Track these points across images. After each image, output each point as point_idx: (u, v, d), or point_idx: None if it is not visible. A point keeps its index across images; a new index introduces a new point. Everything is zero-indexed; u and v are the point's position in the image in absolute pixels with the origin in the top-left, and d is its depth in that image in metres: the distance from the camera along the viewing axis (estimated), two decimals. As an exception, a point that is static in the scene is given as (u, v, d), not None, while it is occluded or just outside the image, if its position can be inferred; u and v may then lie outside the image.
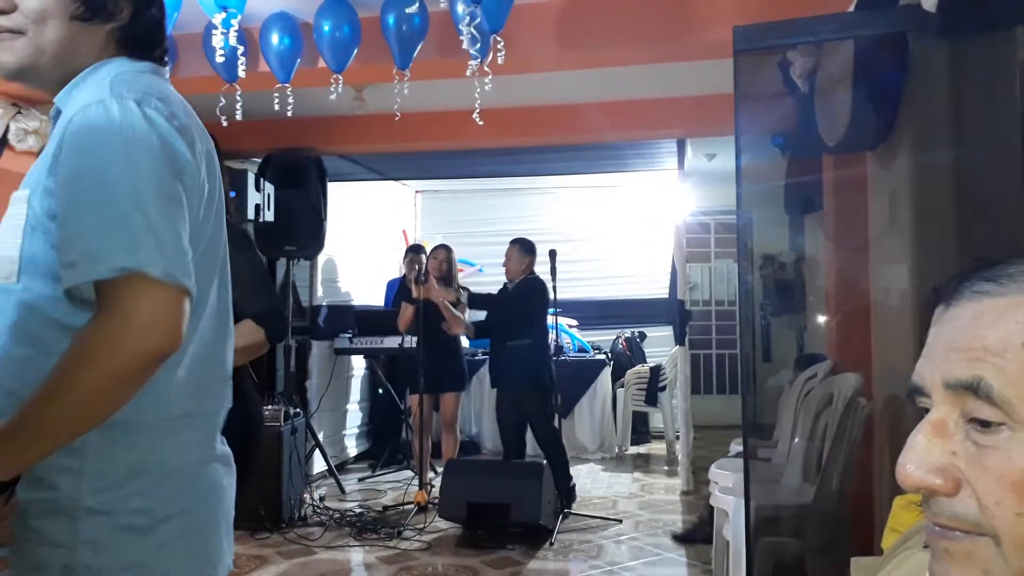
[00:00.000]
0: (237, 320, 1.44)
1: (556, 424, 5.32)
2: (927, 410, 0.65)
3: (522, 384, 5.20)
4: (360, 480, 6.35)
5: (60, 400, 1.06)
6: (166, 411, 1.20)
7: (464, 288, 5.75)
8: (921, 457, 0.62)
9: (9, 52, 1.22)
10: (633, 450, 7.52)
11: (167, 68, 1.35)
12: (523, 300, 5.24)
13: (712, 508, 3.81)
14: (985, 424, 0.60)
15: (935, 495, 0.62)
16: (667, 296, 7.49)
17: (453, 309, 5.32)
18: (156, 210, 1.11)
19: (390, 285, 7.26)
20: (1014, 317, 0.61)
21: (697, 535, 4.62)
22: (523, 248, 5.32)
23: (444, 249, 5.69)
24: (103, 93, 1.16)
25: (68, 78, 1.26)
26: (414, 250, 6.44)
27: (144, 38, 1.30)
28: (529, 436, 5.39)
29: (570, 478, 5.24)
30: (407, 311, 5.49)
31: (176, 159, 1.16)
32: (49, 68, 1.25)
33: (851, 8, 2.82)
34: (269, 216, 5.21)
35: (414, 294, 5.37)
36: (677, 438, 6.54)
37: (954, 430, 0.62)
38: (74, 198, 1.10)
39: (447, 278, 5.55)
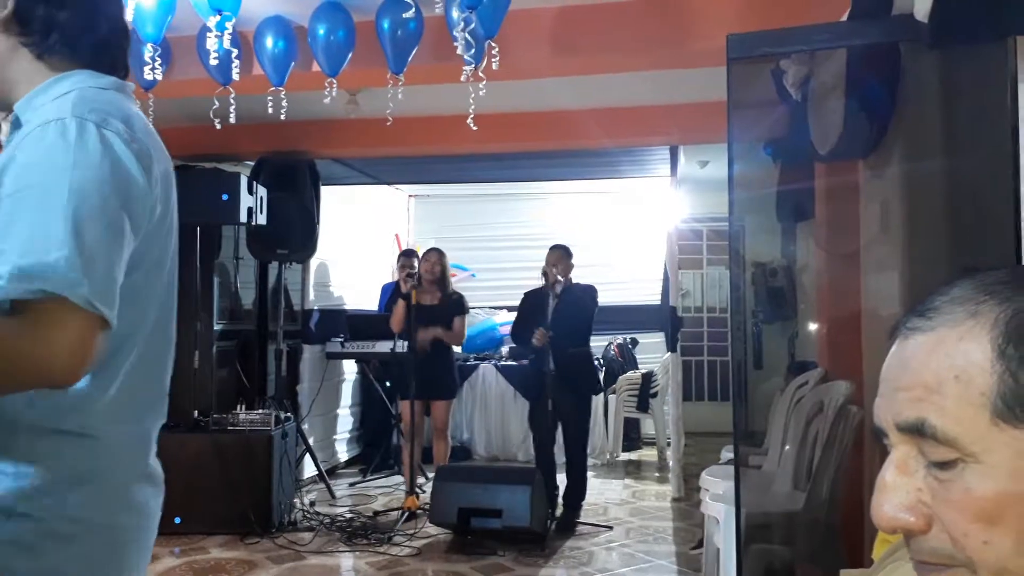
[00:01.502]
0: None
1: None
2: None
3: (588, 388, 5.44)
4: (351, 485, 6.33)
5: None
6: (103, 423, 1.20)
7: (458, 293, 5.73)
8: (892, 496, 0.64)
9: None
10: (624, 456, 7.52)
11: (130, 83, 1.34)
12: (591, 307, 5.34)
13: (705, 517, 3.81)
14: (940, 465, 0.61)
15: (912, 534, 0.63)
16: (659, 303, 7.51)
17: (444, 335, 5.44)
18: (93, 236, 1.10)
19: (384, 289, 7.25)
20: (943, 351, 0.62)
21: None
22: (566, 252, 5.33)
23: (436, 252, 5.66)
24: (64, 112, 1.15)
25: (2, 88, 1.27)
26: (406, 255, 6.44)
27: (44, 30, 1.25)
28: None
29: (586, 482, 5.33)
30: (399, 309, 5.46)
31: (127, 185, 1.16)
32: None
33: (844, 17, 2.84)
34: (262, 219, 5.20)
35: (403, 289, 5.35)
36: (668, 445, 6.54)
37: (915, 467, 0.63)
38: (15, 213, 1.10)
39: (440, 282, 5.52)
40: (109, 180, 1.14)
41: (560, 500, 5.25)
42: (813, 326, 4.85)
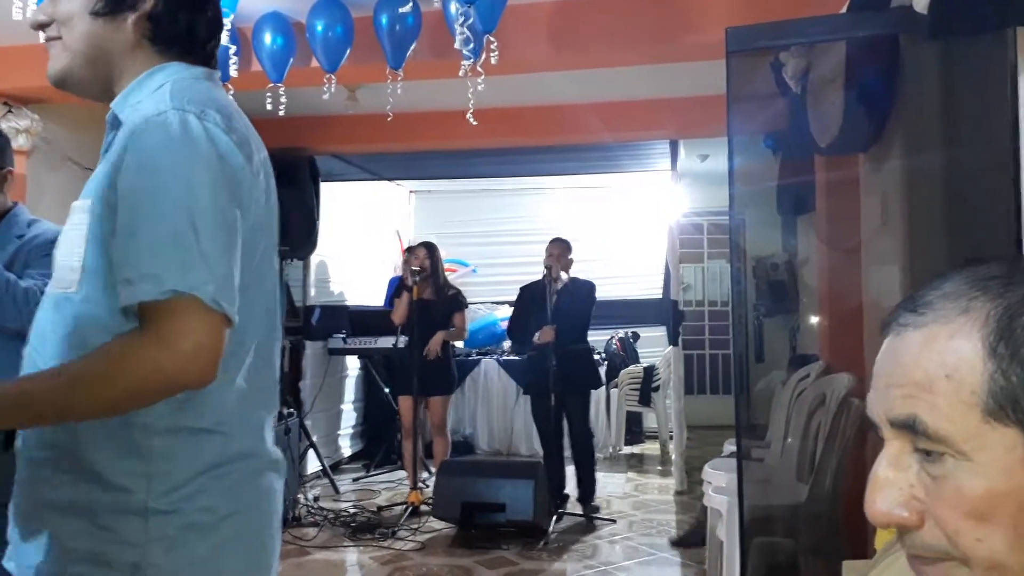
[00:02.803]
0: None
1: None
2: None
3: (591, 383, 5.47)
4: (354, 480, 6.34)
5: (85, 396, 1.10)
6: (226, 417, 1.23)
7: (455, 288, 5.73)
8: (885, 492, 0.64)
9: (52, 60, 1.27)
10: (627, 450, 7.53)
11: (219, 72, 1.35)
12: (591, 303, 5.34)
13: (707, 509, 3.82)
14: (929, 453, 0.62)
15: (905, 529, 0.63)
16: (660, 296, 7.50)
17: (447, 335, 5.46)
18: (209, 234, 1.11)
19: (391, 283, 7.25)
20: (935, 348, 0.62)
21: (695, 538, 4.62)
22: (567, 246, 5.32)
23: (423, 247, 5.62)
24: (163, 104, 1.16)
25: (106, 80, 1.28)
26: (411, 250, 6.47)
27: (176, 27, 1.28)
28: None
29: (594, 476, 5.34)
30: (402, 302, 5.47)
31: (234, 177, 1.17)
32: (84, 68, 1.27)
33: (843, 10, 2.83)
34: (262, 216, 5.19)
35: (407, 282, 5.36)
36: (671, 438, 6.55)
37: (908, 462, 0.64)
38: (132, 215, 1.11)
39: (433, 276, 5.50)
40: (217, 175, 1.14)
41: (567, 494, 5.28)
42: (814, 319, 4.85)
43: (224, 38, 3.21)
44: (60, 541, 1.18)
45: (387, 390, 6.80)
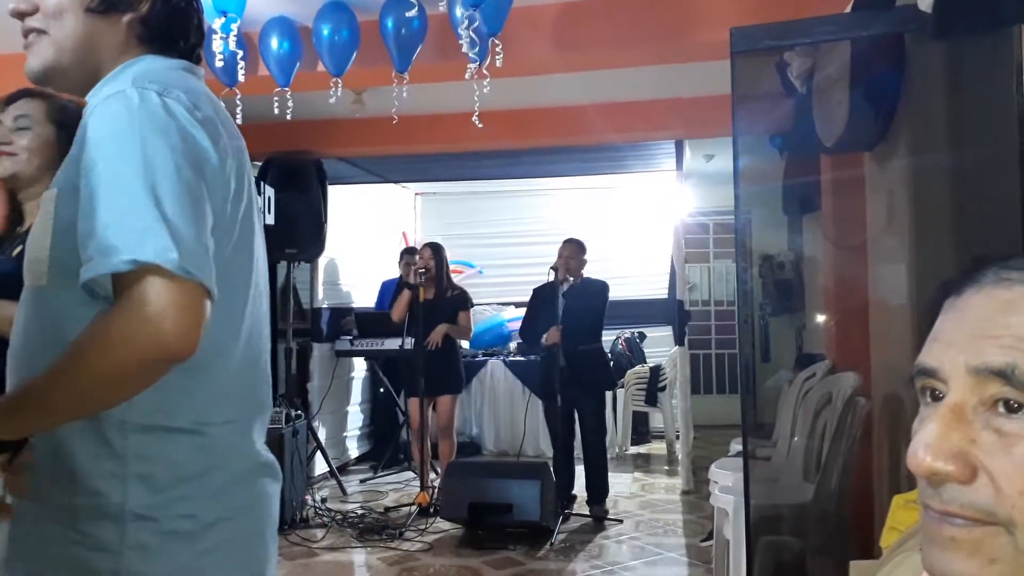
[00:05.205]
0: None
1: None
2: (932, 391, 0.64)
3: (604, 384, 5.49)
4: (362, 481, 6.36)
5: (66, 386, 1.06)
6: (208, 417, 1.18)
7: (460, 288, 5.75)
8: (937, 442, 0.61)
9: (35, 55, 1.23)
10: (634, 450, 7.54)
11: (201, 66, 1.32)
12: (602, 303, 5.36)
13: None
14: (1010, 406, 0.59)
15: (947, 482, 0.61)
16: (666, 296, 7.50)
17: (450, 330, 5.50)
18: (172, 202, 1.06)
19: (385, 286, 7.26)
20: None
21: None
22: (580, 247, 5.34)
23: (429, 247, 5.64)
24: (125, 84, 1.13)
25: (93, 76, 1.24)
26: (409, 252, 6.51)
27: (167, 31, 1.26)
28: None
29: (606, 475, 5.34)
30: (403, 299, 5.51)
31: (197, 153, 1.12)
32: (72, 65, 1.23)
33: (847, 9, 2.84)
34: (270, 219, 5.22)
35: (414, 282, 5.41)
36: (677, 438, 6.55)
37: (972, 416, 0.61)
38: (90, 191, 1.07)
39: (438, 277, 5.53)
40: (179, 147, 1.10)
41: (575, 495, 5.29)
42: (820, 318, 4.85)
43: (231, 43, 3.25)
44: (40, 547, 1.15)
45: (392, 390, 6.83)
